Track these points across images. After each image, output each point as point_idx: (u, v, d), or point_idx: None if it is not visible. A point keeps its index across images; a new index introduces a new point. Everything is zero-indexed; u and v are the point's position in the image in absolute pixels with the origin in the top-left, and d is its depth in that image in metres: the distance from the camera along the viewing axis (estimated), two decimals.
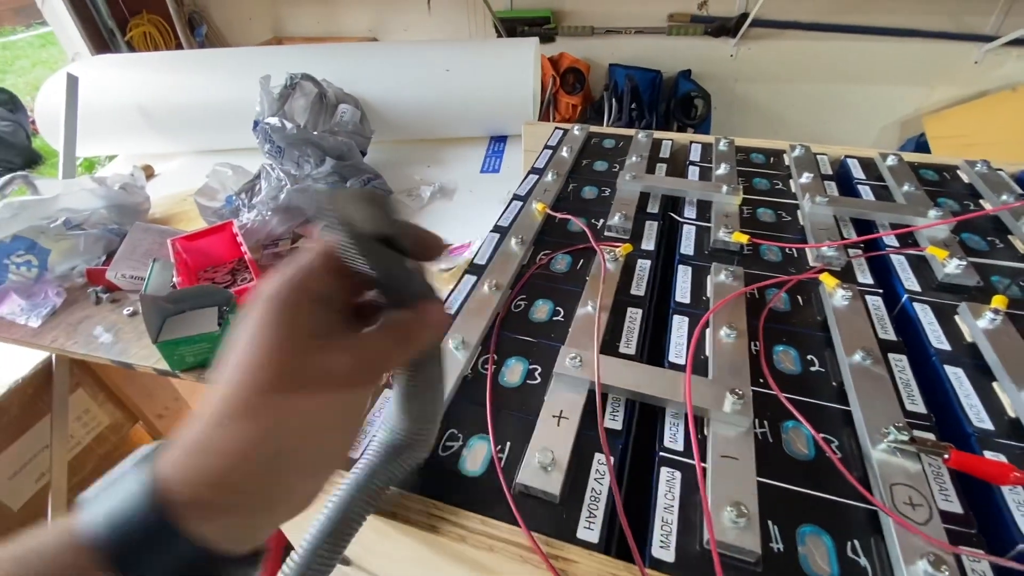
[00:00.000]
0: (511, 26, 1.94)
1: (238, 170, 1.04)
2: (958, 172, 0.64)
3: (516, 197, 0.62)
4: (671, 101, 1.94)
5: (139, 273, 0.86)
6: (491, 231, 0.56)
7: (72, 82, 1.15)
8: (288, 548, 0.25)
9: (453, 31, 2.05)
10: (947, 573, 0.25)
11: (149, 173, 1.28)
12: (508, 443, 0.35)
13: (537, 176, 0.65)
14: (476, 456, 0.34)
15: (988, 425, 0.34)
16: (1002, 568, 0.27)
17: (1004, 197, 0.55)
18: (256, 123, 1.02)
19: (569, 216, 0.56)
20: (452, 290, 0.48)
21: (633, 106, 1.85)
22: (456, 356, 0.40)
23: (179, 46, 2.10)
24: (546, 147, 0.72)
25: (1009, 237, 0.52)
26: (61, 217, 0.91)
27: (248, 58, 1.39)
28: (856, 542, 0.29)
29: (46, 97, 1.29)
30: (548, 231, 0.56)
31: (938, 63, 1.78)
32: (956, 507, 0.30)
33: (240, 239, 0.85)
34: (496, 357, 0.41)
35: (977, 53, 1.72)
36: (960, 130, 1.72)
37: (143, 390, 1.20)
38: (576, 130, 0.74)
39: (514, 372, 0.40)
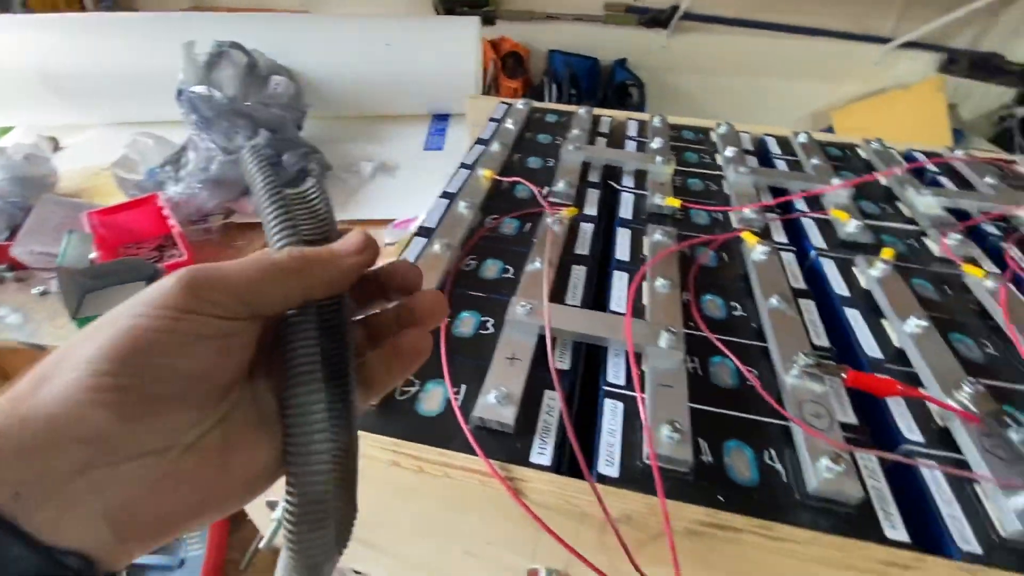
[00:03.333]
0: (450, 6, 1.92)
1: (160, 141, 0.98)
2: (857, 149, 0.72)
3: (463, 165, 0.63)
4: (608, 89, 2.00)
5: (50, 249, 0.79)
6: (439, 197, 0.57)
7: None
8: None
9: (389, 8, 2.00)
10: (843, 466, 0.30)
11: (55, 146, 1.17)
12: (464, 386, 0.36)
13: (483, 146, 0.66)
14: (433, 398, 0.35)
15: (878, 354, 0.40)
16: (894, 466, 0.32)
17: (898, 171, 0.63)
18: (180, 92, 0.96)
19: (519, 180, 0.58)
20: (402, 253, 0.49)
21: (573, 92, 1.89)
22: None
23: (82, 9, 1.90)
24: (491, 120, 0.74)
25: (897, 204, 0.60)
26: None
27: (166, 24, 1.29)
28: (772, 451, 0.33)
29: None
30: (496, 197, 0.57)
31: (843, 62, 1.95)
32: (851, 418, 0.35)
33: (167, 213, 0.80)
34: (449, 310, 0.42)
35: (876, 54, 1.90)
36: (862, 123, 1.90)
37: None
38: (520, 104, 0.76)
39: (466, 324, 0.41)
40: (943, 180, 0.65)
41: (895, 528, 0.29)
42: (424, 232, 0.51)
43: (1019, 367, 0.39)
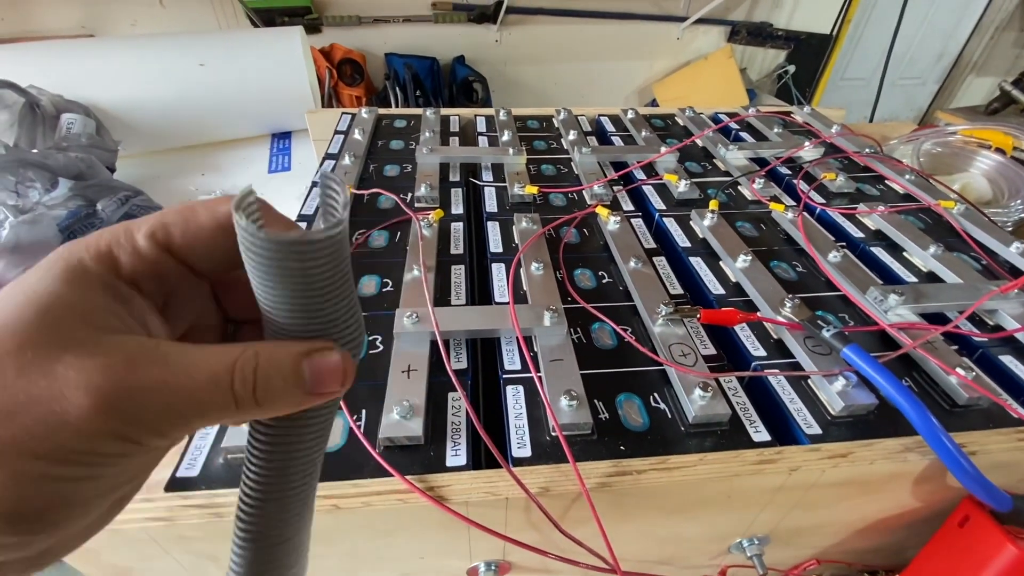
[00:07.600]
0: (268, 17, 1.79)
1: None
2: (676, 118, 0.82)
3: (315, 184, 0.60)
4: (452, 87, 2.02)
5: None
6: (296, 220, 0.54)
7: None
8: None
9: (196, 24, 1.81)
10: (711, 392, 0.34)
11: None
12: (364, 411, 0.35)
13: (333, 161, 0.64)
14: (333, 432, 0.34)
15: (721, 291, 0.47)
16: (749, 381, 0.38)
17: (707, 132, 0.73)
18: None
19: (380, 191, 0.56)
20: None
21: (418, 93, 1.88)
22: None
23: None
24: (336, 132, 0.71)
25: (714, 161, 0.70)
26: None
27: None
28: (656, 394, 0.37)
29: None
30: (358, 211, 0.56)
31: (652, 40, 2.19)
32: (711, 350, 0.41)
33: None
34: None
35: (676, 31, 2.16)
36: (678, 93, 2.16)
37: None
38: (364, 113, 0.74)
39: None
40: (744, 135, 0.77)
41: (759, 432, 0.35)
42: None
43: (820, 277, 0.49)
